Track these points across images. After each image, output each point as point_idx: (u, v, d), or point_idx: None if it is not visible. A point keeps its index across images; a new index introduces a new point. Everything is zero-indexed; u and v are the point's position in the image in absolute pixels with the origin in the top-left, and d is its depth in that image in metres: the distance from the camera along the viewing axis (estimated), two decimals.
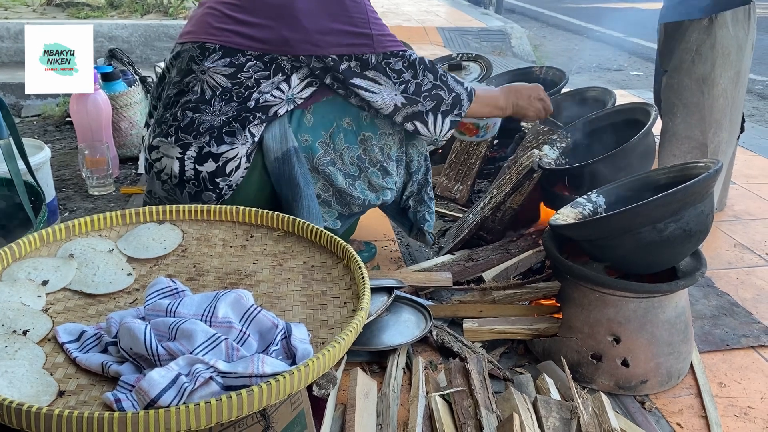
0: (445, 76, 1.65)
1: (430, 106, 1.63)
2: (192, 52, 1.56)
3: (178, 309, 1.01)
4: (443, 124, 1.66)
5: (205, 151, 1.55)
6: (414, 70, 1.60)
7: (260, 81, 1.53)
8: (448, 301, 1.75)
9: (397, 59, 1.58)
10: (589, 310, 1.50)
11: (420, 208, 1.89)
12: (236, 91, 1.53)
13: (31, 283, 1.12)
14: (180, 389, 0.85)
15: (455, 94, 1.65)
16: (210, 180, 1.57)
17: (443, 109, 1.64)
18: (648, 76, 5.52)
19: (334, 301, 1.17)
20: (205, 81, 1.53)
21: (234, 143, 1.55)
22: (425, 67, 1.62)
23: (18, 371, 0.91)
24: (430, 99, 1.62)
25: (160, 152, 1.60)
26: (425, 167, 1.87)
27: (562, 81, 2.64)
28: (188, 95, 1.56)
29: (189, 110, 1.55)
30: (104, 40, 4.54)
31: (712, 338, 1.72)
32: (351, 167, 1.66)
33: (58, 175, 2.62)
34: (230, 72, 1.52)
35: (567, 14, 8.98)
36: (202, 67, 1.53)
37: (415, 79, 1.60)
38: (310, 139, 1.62)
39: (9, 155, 1.49)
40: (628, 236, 1.44)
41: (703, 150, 2.21)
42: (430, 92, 1.62)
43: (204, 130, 1.54)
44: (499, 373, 1.51)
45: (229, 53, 1.52)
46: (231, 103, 1.53)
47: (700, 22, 2.12)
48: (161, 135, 1.59)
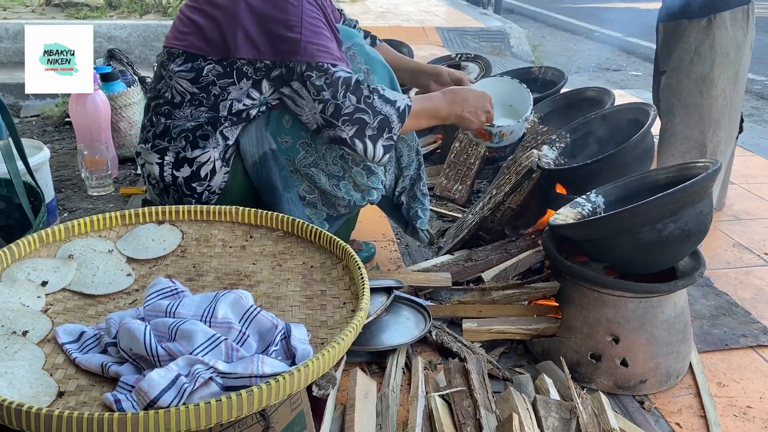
0: (371, 96, 1.49)
1: (352, 131, 1.49)
2: (162, 57, 1.56)
3: (178, 309, 1.01)
4: (375, 149, 1.52)
5: (181, 156, 1.54)
6: (335, 89, 1.46)
7: (227, 88, 1.50)
8: (447, 302, 1.75)
9: (320, 74, 1.45)
10: (588, 310, 1.50)
11: (413, 205, 1.86)
12: (203, 97, 1.51)
13: (30, 283, 1.12)
14: (180, 390, 0.85)
15: (382, 116, 1.50)
16: (186, 185, 1.56)
17: (370, 134, 1.50)
18: (647, 76, 5.53)
19: (333, 301, 1.17)
20: (173, 87, 1.52)
21: (206, 147, 1.54)
22: (348, 87, 1.46)
23: (18, 372, 0.91)
24: (351, 124, 1.48)
25: (142, 158, 1.60)
26: (417, 162, 1.83)
27: (560, 81, 2.65)
28: (160, 100, 1.55)
29: (162, 116, 1.54)
30: (103, 41, 4.54)
31: (711, 338, 1.72)
32: (334, 167, 1.61)
33: (57, 176, 2.62)
34: (192, 77, 1.50)
35: (566, 14, 8.99)
36: (169, 72, 1.52)
37: (335, 99, 1.46)
38: (290, 141, 1.57)
39: (8, 156, 1.48)
40: (627, 236, 1.44)
41: (701, 150, 2.21)
42: (350, 116, 1.47)
43: (177, 135, 1.53)
44: (499, 373, 1.51)
45: (190, 58, 1.50)
46: (201, 108, 1.52)
47: (699, 23, 2.12)
48: (141, 141, 1.60)
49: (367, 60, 1.64)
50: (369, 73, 1.63)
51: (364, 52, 1.64)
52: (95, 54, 4.23)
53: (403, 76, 1.89)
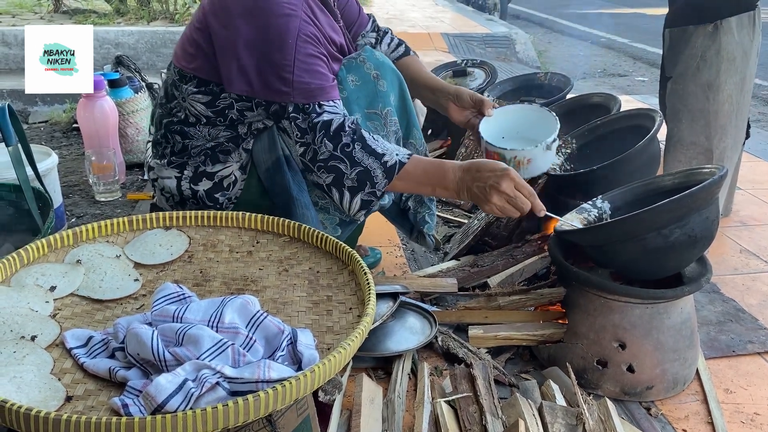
0: (351, 145, 1.42)
1: (329, 179, 1.44)
2: (173, 76, 1.54)
3: (185, 314, 1.02)
4: (351, 202, 1.46)
5: (200, 170, 1.55)
6: (313, 134, 1.42)
7: (244, 112, 1.50)
8: (453, 307, 1.75)
9: (305, 116, 1.42)
10: (594, 316, 1.50)
11: (420, 209, 1.86)
12: (219, 120, 1.50)
13: (39, 288, 1.13)
14: (187, 394, 0.85)
15: (361, 169, 1.43)
16: (208, 197, 1.56)
17: (348, 186, 1.44)
18: (653, 82, 5.53)
19: (339, 306, 1.18)
20: (186, 108, 1.52)
21: (227, 161, 1.55)
22: (326, 133, 1.41)
23: (26, 376, 0.92)
24: (326, 171, 1.43)
25: (155, 173, 1.60)
26: None
27: (566, 87, 2.65)
28: (173, 118, 1.55)
29: (177, 134, 1.55)
30: (111, 47, 4.57)
31: (717, 344, 1.71)
32: None
33: (64, 181, 2.64)
34: (207, 100, 1.49)
35: (571, 20, 9.00)
36: (183, 94, 1.51)
37: (313, 144, 1.42)
38: None
39: (17, 161, 1.50)
40: (633, 242, 1.44)
41: (708, 156, 2.21)
42: (325, 164, 1.43)
43: (197, 153, 1.54)
44: (505, 379, 1.51)
45: (203, 83, 1.49)
46: (218, 128, 1.52)
47: (705, 28, 2.12)
48: (156, 156, 1.60)
49: (376, 65, 1.62)
50: (378, 78, 1.62)
51: (374, 57, 1.63)
52: (103, 60, 4.26)
53: (425, 95, 1.85)
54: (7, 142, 1.50)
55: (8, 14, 5.40)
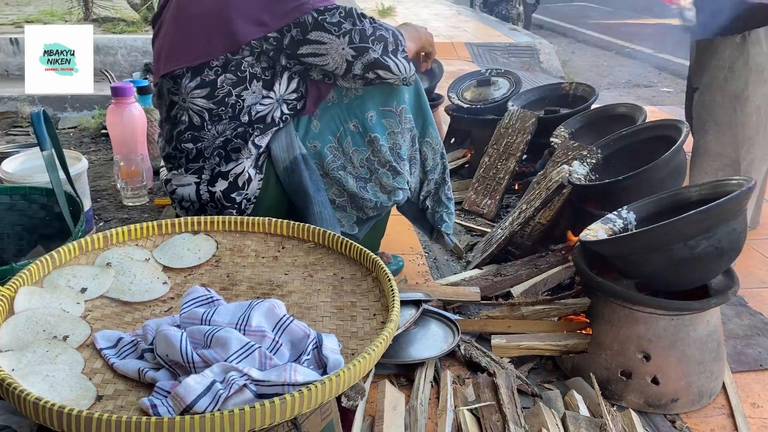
0: (376, 20, 1.58)
1: (380, 49, 1.55)
2: (167, 85, 1.57)
3: (213, 317, 1.03)
4: (401, 62, 1.59)
5: (216, 171, 1.57)
6: (352, 18, 1.52)
7: (241, 94, 1.53)
8: (476, 316, 1.75)
9: (332, 12, 1.50)
10: (618, 327, 1.49)
11: (438, 209, 1.87)
12: (222, 111, 1.53)
13: (70, 290, 1.15)
14: (215, 396, 0.87)
15: (392, 32, 1.59)
16: (225, 197, 1.59)
17: (391, 50, 1.57)
18: (679, 93, 5.47)
19: (363, 312, 1.18)
20: (188, 108, 1.54)
21: (239, 158, 1.57)
22: (357, 15, 1.53)
23: (58, 375, 0.94)
24: (377, 41, 1.54)
25: (173, 185, 1.63)
26: (441, 165, 1.84)
27: (591, 97, 2.64)
28: (179, 126, 1.57)
29: (188, 142, 1.57)
30: (138, 55, 4.65)
31: (744, 358, 1.69)
32: (361, 170, 1.66)
33: (93, 186, 2.68)
34: (206, 92, 1.52)
35: (596, 30, 8.95)
36: (182, 95, 1.54)
37: (356, 26, 1.52)
38: (319, 145, 1.63)
39: (51, 166, 1.53)
40: (658, 253, 1.43)
41: (735, 167, 2.19)
42: (375, 35, 1.54)
43: (210, 154, 1.56)
44: (528, 389, 1.50)
45: (197, 72, 1.51)
46: (223, 122, 1.54)
47: (733, 39, 2.11)
48: (172, 168, 1.63)
49: None
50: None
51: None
52: (132, 68, 4.33)
53: None
54: (41, 147, 1.53)
55: (40, 22, 5.52)
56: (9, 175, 1.98)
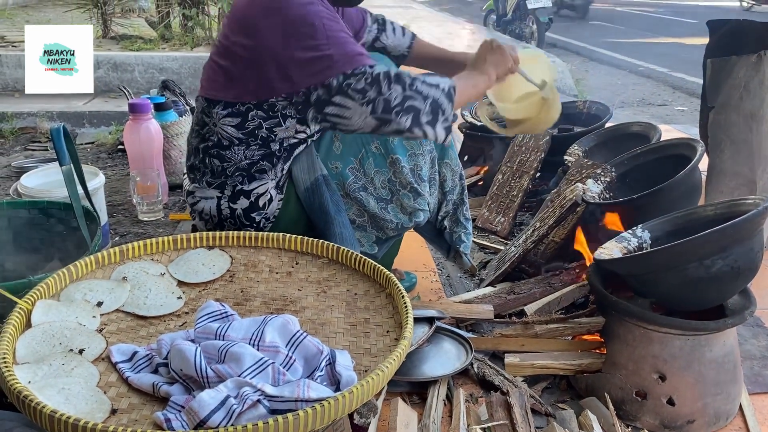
0: (415, 83, 1.47)
1: (408, 121, 1.47)
2: (202, 104, 1.59)
3: (227, 332, 1.04)
4: (436, 132, 1.51)
5: (237, 189, 1.58)
6: (378, 86, 1.44)
7: (273, 129, 1.53)
8: (489, 334, 1.74)
9: (358, 78, 1.44)
10: (633, 347, 1.48)
11: (456, 229, 1.88)
12: (251, 140, 1.54)
13: (87, 303, 1.17)
14: (229, 411, 0.87)
15: (432, 99, 1.48)
16: (245, 216, 1.59)
17: (426, 120, 1.49)
18: (693, 111, 5.45)
19: (376, 329, 1.18)
20: (218, 132, 1.55)
21: (263, 179, 1.58)
22: (390, 80, 1.45)
23: (74, 388, 0.95)
24: (405, 113, 1.46)
25: (196, 197, 1.64)
26: (460, 186, 1.85)
27: (605, 115, 2.64)
28: (207, 142, 1.59)
29: (214, 158, 1.58)
30: (155, 72, 4.71)
31: (762, 379, 1.67)
32: (382, 191, 1.67)
33: (109, 201, 2.71)
34: (237, 122, 1.52)
35: (609, 49, 8.96)
36: (213, 119, 1.55)
37: (381, 95, 1.44)
38: (341, 166, 1.63)
39: (70, 180, 1.55)
40: (674, 272, 1.42)
41: (751, 187, 2.17)
42: (402, 106, 1.45)
43: (233, 172, 1.57)
44: (541, 408, 1.49)
45: (229, 104, 1.52)
46: (252, 147, 1.55)
47: (749, 58, 2.11)
48: (195, 181, 1.64)
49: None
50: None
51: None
52: (149, 84, 4.37)
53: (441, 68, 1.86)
54: (61, 162, 1.55)
55: None
56: (28, 190, 2.01)
